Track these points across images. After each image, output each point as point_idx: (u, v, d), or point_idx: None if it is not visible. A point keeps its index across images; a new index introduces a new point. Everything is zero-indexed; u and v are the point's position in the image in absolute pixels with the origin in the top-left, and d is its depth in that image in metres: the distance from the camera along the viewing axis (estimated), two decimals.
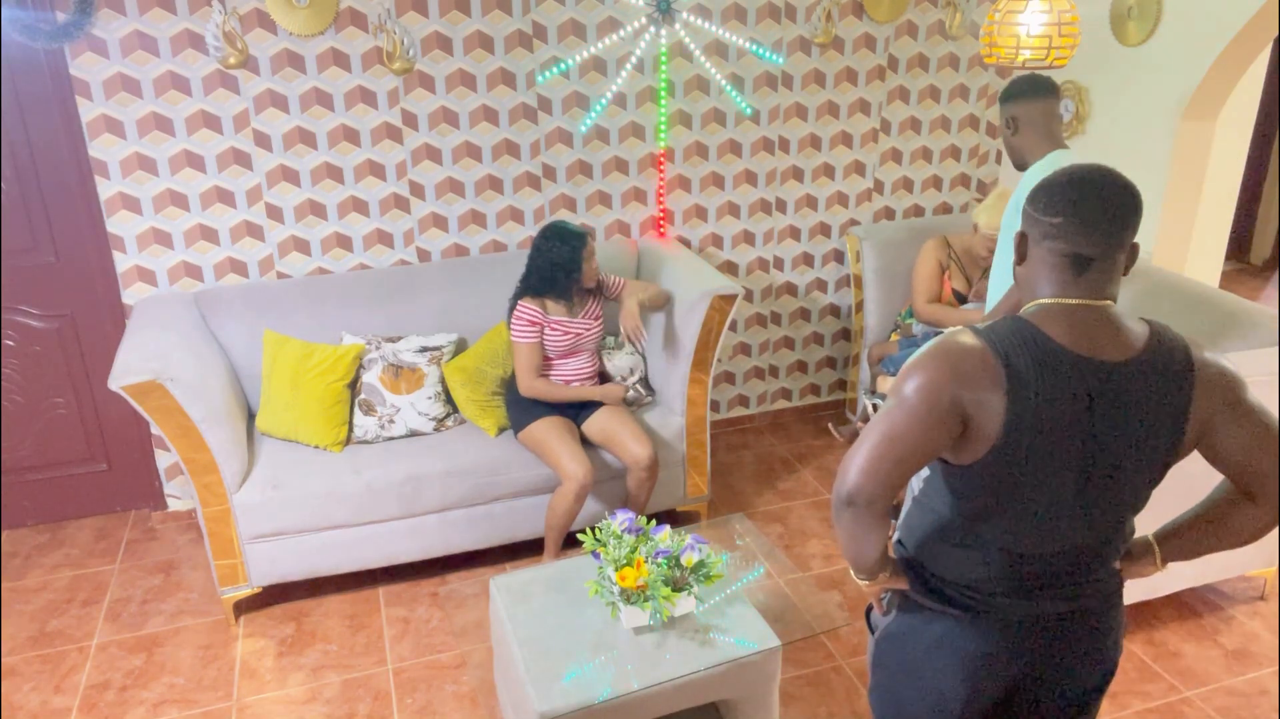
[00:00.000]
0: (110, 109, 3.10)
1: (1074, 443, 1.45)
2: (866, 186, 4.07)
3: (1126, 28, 3.48)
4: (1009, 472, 1.46)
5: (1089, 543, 1.55)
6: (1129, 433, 1.47)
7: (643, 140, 3.69)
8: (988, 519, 1.53)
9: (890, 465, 1.45)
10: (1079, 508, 1.50)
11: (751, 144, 3.83)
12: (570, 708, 2.05)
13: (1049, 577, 1.55)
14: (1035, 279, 1.50)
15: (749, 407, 4.30)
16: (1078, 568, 1.57)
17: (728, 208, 3.91)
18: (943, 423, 1.42)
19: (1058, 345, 1.43)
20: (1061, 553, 1.54)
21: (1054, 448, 1.44)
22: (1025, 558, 1.54)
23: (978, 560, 1.56)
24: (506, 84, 3.45)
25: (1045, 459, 1.45)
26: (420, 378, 3.19)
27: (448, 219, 3.58)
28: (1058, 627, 1.58)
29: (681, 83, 3.65)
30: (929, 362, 1.44)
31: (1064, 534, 1.52)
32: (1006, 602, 1.56)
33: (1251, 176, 5.56)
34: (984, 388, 1.41)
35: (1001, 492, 1.48)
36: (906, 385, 1.44)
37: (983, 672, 1.59)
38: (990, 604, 1.56)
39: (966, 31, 3.93)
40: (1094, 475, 1.48)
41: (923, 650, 1.63)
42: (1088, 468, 1.47)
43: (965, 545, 1.56)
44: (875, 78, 3.89)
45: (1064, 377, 1.42)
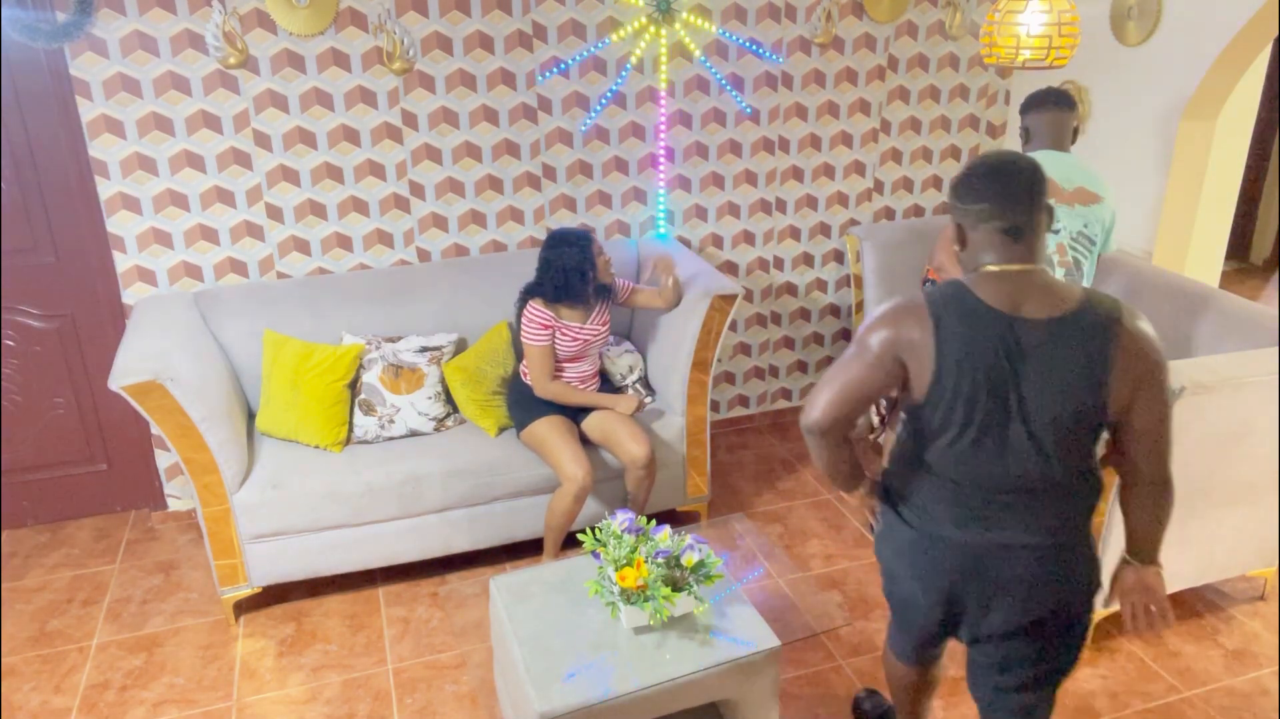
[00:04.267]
0: (110, 109, 3.10)
1: (999, 389, 1.70)
2: (866, 186, 4.07)
3: (1126, 28, 3.48)
4: (942, 410, 1.74)
5: (1032, 484, 1.75)
6: (1053, 383, 1.69)
7: (642, 140, 3.69)
8: (934, 450, 1.80)
9: (843, 401, 1.79)
10: (1014, 449, 1.73)
11: (751, 144, 3.83)
12: (570, 708, 2.05)
13: (993, 509, 1.78)
14: (977, 257, 1.76)
15: (749, 407, 4.30)
16: (1024, 506, 1.77)
17: (728, 208, 3.91)
18: (883, 366, 1.76)
19: (984, 304, 1.70)
20: (1005, 489, 1.76)
21: (979, 392, 1.70)
22: (966, 488, 1.79)
23: (927, 485, 1.84)
24: (506, 84, 3.45)
25: (972, 401, 1.71)
26: (420, 378, 3.19)
27: (448, 219, 3.58)
28: (1002, 555, 1.80)
29: (681, 83, 3.65)
30: (879, 317, 1.78)
31: (1004, 472, 1.75)
32: (952, 527, 1.82)
33: (1251, 176, 5.56)
34: (917, 337, 1.72)
35: (940, 427, 1.76)
36: (860, 336, 1.80)
37: (932, 583, 1.88)
38: (937, 526, 1.83)
39: (966, 31, 3.93)
40: (1025, 420, 1.71)
41: (893, 554, 1.96)
42: (1017, 413, 1.71)
43: (919, 471, 1.85)
44: (875, 78, 3.89)
45: (986, 330, 1.69)
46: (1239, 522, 2.82)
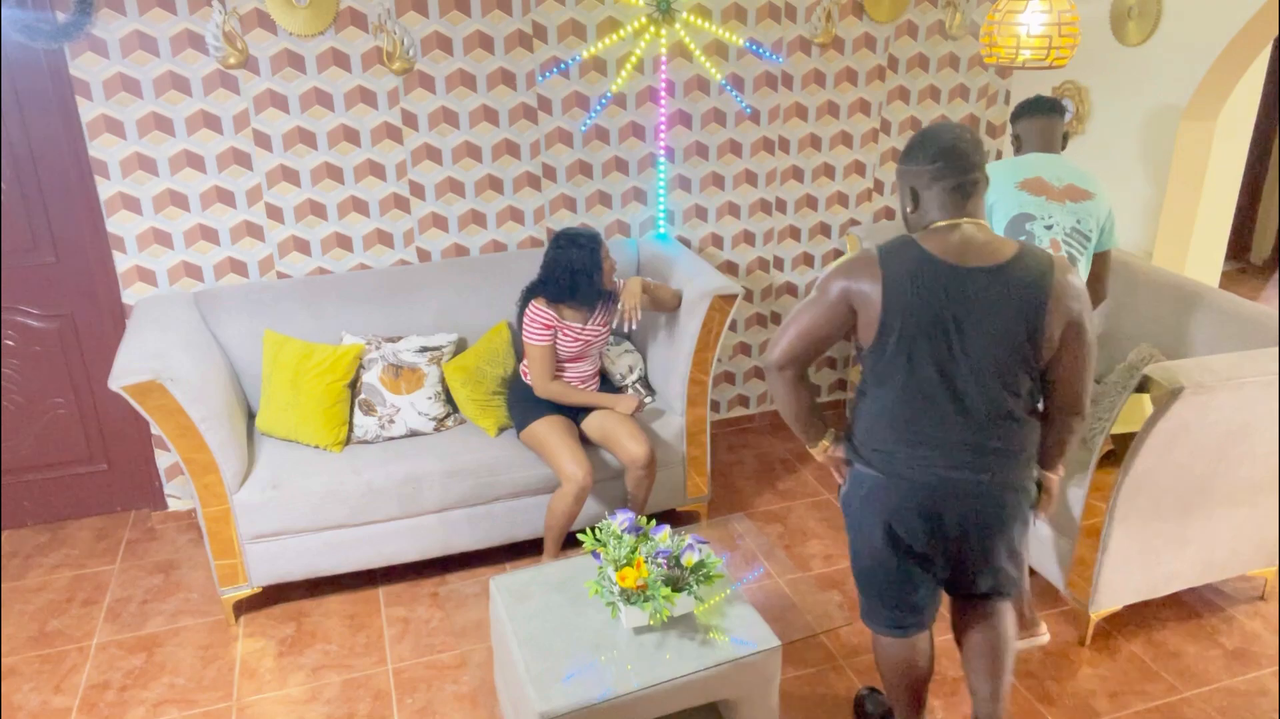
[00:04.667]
0: (110, 109, 3.10)
1: (945, 333, 1.91)
2: (866, 186, 4.07)
3: (1126, 28, 3.48)
4: (890, 352, 1.95)
5: (980, 421, 1.97)
6: (992, 327, 1.91)
7: (642, 140, 3.69)
8: (888, 394, 2.00)
9: (800, 341, 2.05)
10: (962, 390, 1.95)
11: (751, 144, 3.83)
12: (570, 708, 2.05)
13: (947, 449, 1.99)
14: (927, 215, 1.98)
15: (749, 407, 4.30)
16: (973, 442, 1.98)
17: (728, 208, 3.91)
18: (836, 311, 2.00)
19: (930, 255, 1.93)
20: (956, 428, 1.97)
21: (924, 334, 1.92)
22: (922, 429, 1.99)
23: (886, 429, 2.03)
24: (506, 84, 3.45)
25: (917, 343, 1.93)
26: (420, 378, 3.19)
27: (448, 219, 3.58)
28: (959, 492, 2.01)
29: (681, 83, 3.65)
30: (836, 268, 2.01)
31: (953, 411, 1.97)
32: (912, 468, 2.01)
33: (1251, 176, 5.56)
34: (867, 287, 1.94)
35: (891, 368, 1.97)
36: (820, 284, 2.03)
37: (897, 522, 2.06)
38: (897, 466, 2.02)
39: (966, 31, 3.93)
40: (970, 362, 1.93)
41: (859, 503, 2.12)
42: (962, 355, 1.93)
43: (878, 417, 2.03)
44: (875, 78, 3.89)
45: (930, 278, 1.91)
46: (1239, 521, 2.82)
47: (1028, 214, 2.68)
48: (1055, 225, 2.68)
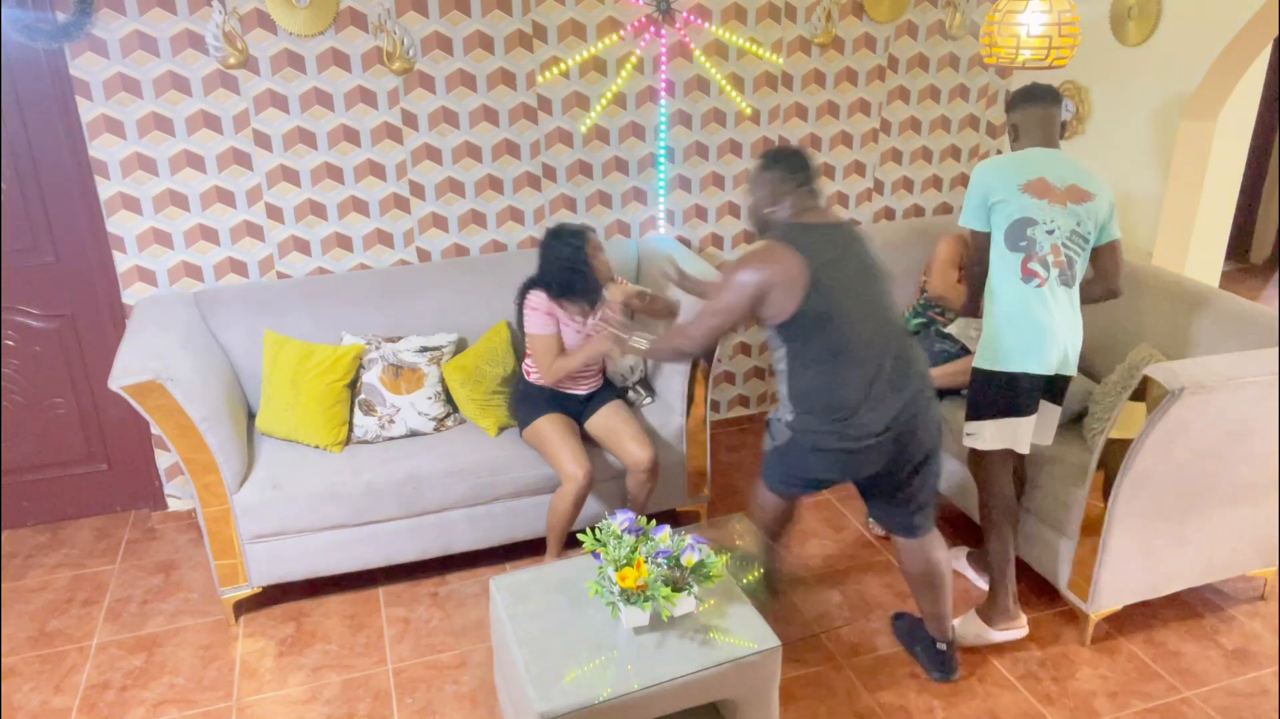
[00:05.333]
0: (110, 109, 3.10)
1: (849, 278, 2.36)
2: (866, 186, 4.07)
3: (1126, 28, 3.48)
4: (822, 308, 2.29)
5: (896, 350, 2.38)
6: (869, 265, 2.42)
7: (642, 140, 3.69)
8: (825, 344, 2.32)
9: (716, 335, 2.48)
10: (875, 325, 2.36)
11: (751, 144, 3.83)
12: (570, 708, 2.05)
13: (883, 380, 2.35)
14: (781, 211, 2.43)
15: (749, 407, 4.30)
16: (898, 369, 2.37)
17: (728, 208, 3.91)
18: (749, 302, 2.34)
19: (815, 224, 2.41)
20: (883, 358, 2.35)
21: (839, 284, 2.32)
22: (860, 365, 2.33)
23: (836, 386, 2.34)
24: (506, 84, 3.45)
25: (837, 292, 2.31)
26: (420, 378, 3.19)
27: (448, 219, 3.58)
28: (900, 417, 2.35)
29: (681, 83, 3.65)
30: (747, 263, 2.34)
31: (877, 343, 2.35)
32: (865, 410, 2.34)
33: (1251, 176, 5.56)
34: (781, 269, 2.29)
35: (827, 324, 2.31)
36: (731, 279, 2.36)
37: (856, 464, 2.41)
38: (864, 425, 2.34)
39: (966, 31, 3.93)
40: (870, 298, 2.38)
41: (808, 452, 2.44)
42: (864, 294, 2.37)
43: (827, 382, 2.35)
44: (875, 78, 3.89)
45: (826, 240, 2.37)
46: (1239, 521, 2.82)
47: (1030, 218, 2.62)
48: (1056, 230, 2.63)
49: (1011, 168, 2.68)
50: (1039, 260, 2.62)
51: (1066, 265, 2.65)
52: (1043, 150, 2.71)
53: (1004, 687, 2.72)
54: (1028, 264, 2.63)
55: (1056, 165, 2.68)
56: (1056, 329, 2.62)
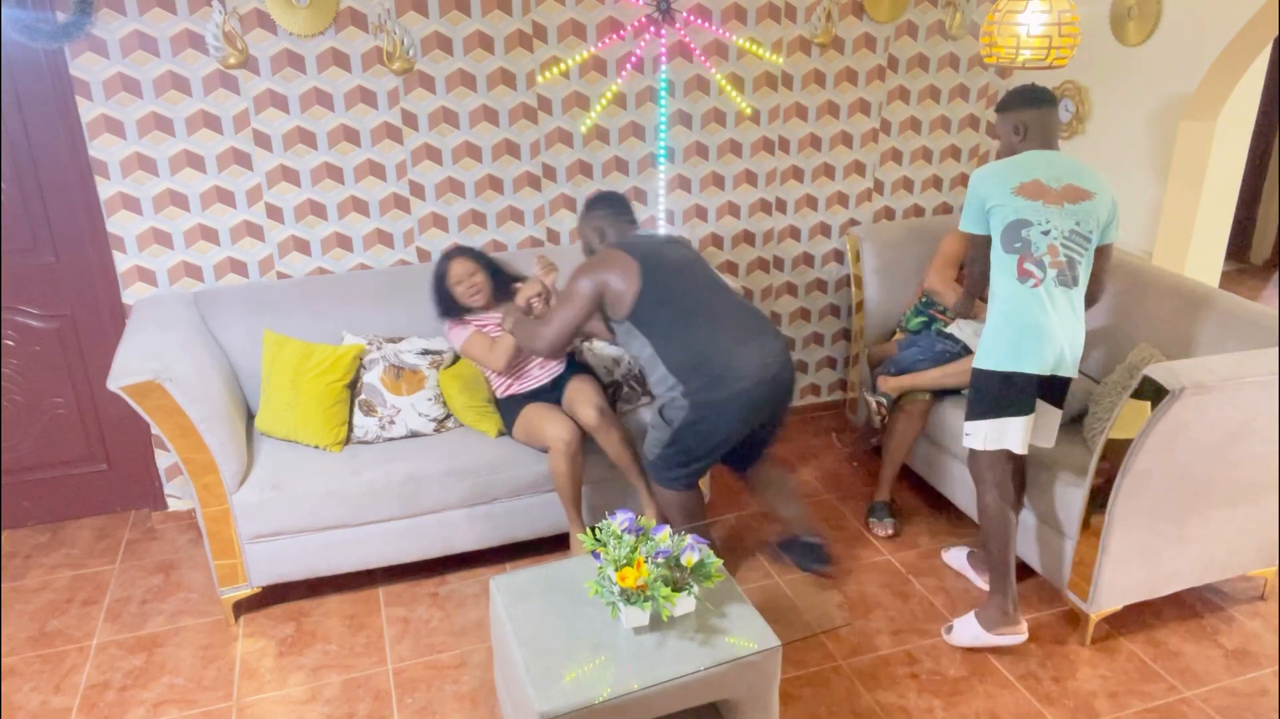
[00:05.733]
0: (110, 109, 3.10)
1: (674, 259, 2.80)
2: (866, 186, 4.07)
3: (1126, 28, 3.48)
4: (661, 281, 2.71)
5: (736, 308, 2.79)
6: (689, 254, 2.91)
7: (642, 140, 3.69)
8: (677, 311, 2.70)
9: (568, 334, 2.78)
10: (710, 291, 2.79)
11: (751, 144, 3.83)
12: (570, 708, 2.05)
13: (740, 329, 2.71)
14: (610, 236, 2.91)
15: None
16: (746, 321, 2.75)
17: (728, 208, 3.91)
18: (592, 304, 2.73)
19: (640, 234, 2.96)
20: (730, 313, 2.75)
21: (666, 263, 2.76)
22: (715, 319, 2.71)
23: (702, 342, 2.68)
24: (506, 84, 3.45)
25: (668, 269, 2.75)
26: (421, 379, 3.19)
27: (448, 219, 3.58)
28: (768, 359, 2.69)
29: (681, 83, 3.65)
30: (585, 268, 2.76)
31: (718, 304, 2.77)
32: (739, 354, 2.67)
33: (1251, 176, 5.57)
34: (618, 270, 2.72)
35: (671, 294, 2.71)
36: (573, 284, 2.75)
37: (750, 406, 2.71)
38: (747, 375, 2.66)
39: (966, 31, 3.93)
40: (701, 272, 2.84)
41: (714, 416, 2.70)
42: (692, 269, 2.82)
43: (690, 335, 2.68)
44: (875, 78, 3.89)
45: (646, 240, 2.88)
46: (1240, 521, 2.82)
47: (1024, 220, 2.63)
48: (1053, 229, 2.63)
49: (1005, 172, 2.70)
50: (1034, 261, 2.63)
51: (1066, 266, 2.64)
52: (1039, 153, 2.71)
53: (1004, 687, 2.72)
54: (1023, 265, 2.64)
55: (1053, 166, 2.69)
56: (1052, 329, 2.62)
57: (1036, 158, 2.71)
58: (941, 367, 3.32)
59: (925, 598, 3.10)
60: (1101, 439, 2.64)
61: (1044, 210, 2.64)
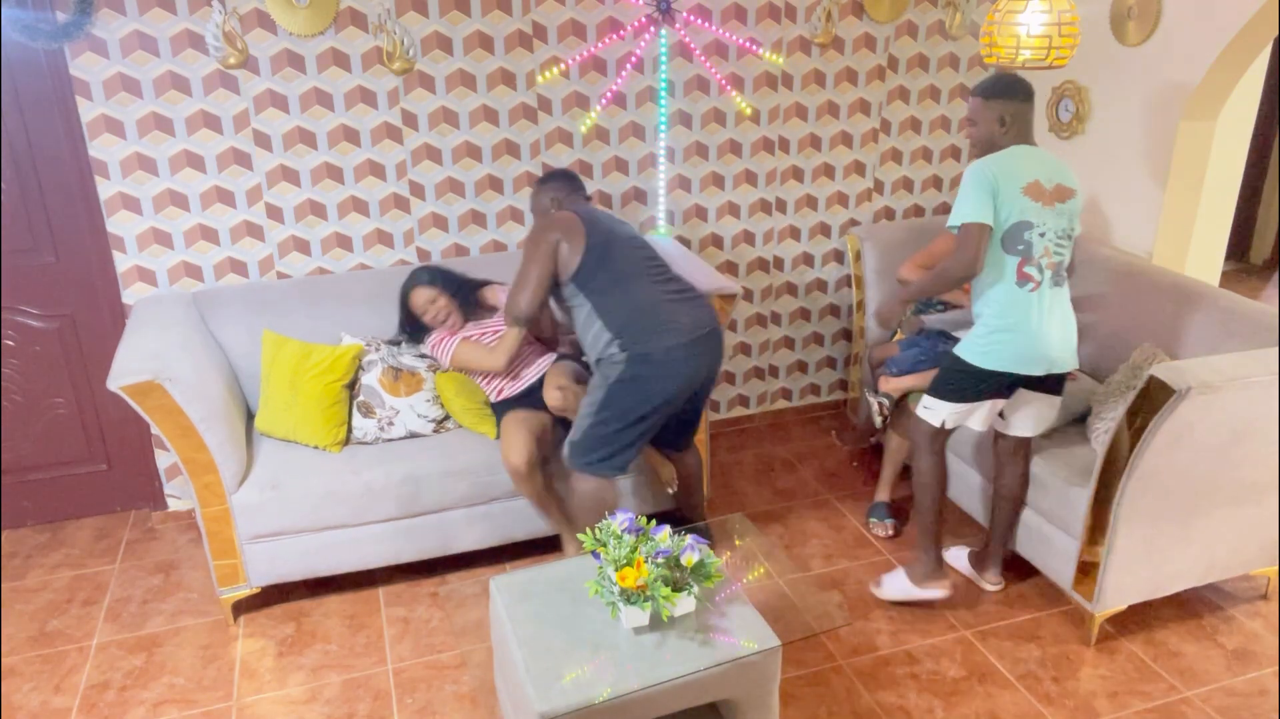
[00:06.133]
0: (110, 109, 3.10)
1: (613, 224, 2.90)
2: (866, 186, 4.07)
3: (1126, 28, 3.48)
4: (602, 240, 2.81)
5: (669, 277, 2.86)
6: (632, 229, 2.99)
7: (642, 140, 3.69)
8: (617, 272, 2.79)
9: (539, 292, 2.82)
10: (646, 256, 2.87)
11: (751, 144, 3.83)
12: (570, 708, 2.04)
13: (673, 292, 2.82)
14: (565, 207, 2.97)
15: (749, 406, 4.30)
16: (679, 290, 2.84)
17: (728, 208, 3.91)
18: (550, 257, 2.80)
19: (589, 205, 3.03)
20: (663, 278, 2.84)
21: (606, 227, 2.86)
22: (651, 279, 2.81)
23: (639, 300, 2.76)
24: (506, 84, 3.45)
25: (606, 231, 2.84)
26: (420, 381, 3.19)
27: (448, 219, 3.58)
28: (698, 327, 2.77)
29: (681, 83, 3.65)
30: (536, 230, 2.87)
31: (653, 269, 2.85)
32: (671, 313, 2.76)
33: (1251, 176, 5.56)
34: (567, 218, 2.84)
35: (612, 253, 2.80)
36: (530, 247, 2.83)
37: (685, 366, 2.74)
38: (681, 331, 2.73)
39: (966, 31, 3.93)
40: (637, 239, 2.91)
41: (648, 373, 2.72)
42: (630, 235, 2.91)
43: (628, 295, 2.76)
44: (875, 78, 3.89)
45: (586, 211, 2.90)
46: (1242, 521, 2.82)
47: (1027, 222, 2.62)
48: (1048, 231, 2.64)
49: (1013, 170, 2.64)
50: (1034, 264, 2.64)
51: (1058, 266, 2.67)
52: (1029, 149, 2.69)
53: (1004, 687, 2.72)
54: (1023, 268, 2.64)
55: (1044, 165, 2.68)
56: (1049, 333, 2.66)
57: (1029, 156, 2.68)
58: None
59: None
60: (1106, 439, 2.64)
61: (1042, 212, 2.64)
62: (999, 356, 2.68)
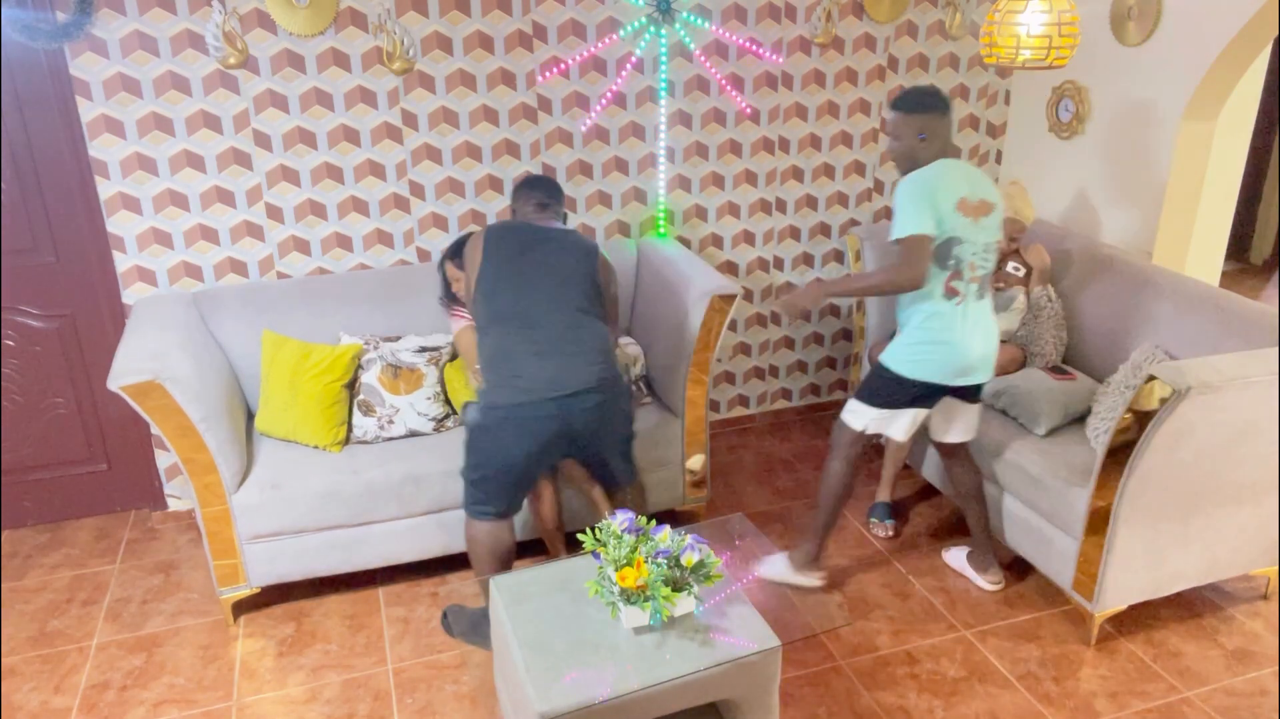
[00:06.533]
0: (110, 109, 3.10)
1: (525, 263, 2.69)
2: (866, 187, 4.07)
3: (1126, 28, 3.48)
4: (492, 277, 2.69)
5: (566, 325, 2.64)
6: (555, 261, 2.72)
7: (642, 140, 3.69)
8: (497, 310, 2.66)
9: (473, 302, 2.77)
10: (545, 302, 2.65)
11: (751, 144, 3.83)
12: (570, 708, 2.04)
13: (553, 345, 2.61)
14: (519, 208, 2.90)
15: (749, 406, 4.30)
16: (570, 339, 2.63)
17: (728, 208, 3.91)
18: (470, 271, 2.76)
19: (520, 223, 2.83)
20: (552, 328, 2.63)
21: (513, 264, 2.69)
22: (529, 328, 2.62)
23: (506, 346, 2.63)
24: (506, 84, 3.45)
25: (510, 270, 2.68)
26: (419, 378, 3.19)
27: (448, 219, 3.58)
28: (572, 383, 2.57)
29: (681, 83, 3.65)
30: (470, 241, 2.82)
31: (544, 317, 2.64)
32: (537, 368, 2.58)
33: (1251, 176, 5.56)
34: (475, 250, 2.75)
35: (498, 292, 2.67)
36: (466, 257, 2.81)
37: (529, 429, 2.60)
38: (532, 389, 2.57)
39: (966, 31, 3.93)
40: (547, 285, 2.67)
41: (496, 424, 2.63)
42: (539, 278, 2.68)
43: (498, 338, 2.65)
44: (875, 78, 3.89)
45: (521, 232, 2.78)
46: (1242, 521, 2.82)
47: (957, 238, 2.67)
48: (975, 246, 2.70)
49: (947, 184, 2.66)
50: (961, 279, 2.70)
51: (982, 280, 2.75)
52: (956, 163, 2.73)
53: (1004, 687, 2.72)
54: (951, 282, 2.70)
55: (971, 180, 2.72)
56: (971, 345, 2.73)
57: (957, 170, 2.70)
58: None
59: (925, 598, 3.10)
60: (1106, 439, 2.64)
61: (970, 228, 2.69)
62: (925, 368, 2.75)
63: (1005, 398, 3.21)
